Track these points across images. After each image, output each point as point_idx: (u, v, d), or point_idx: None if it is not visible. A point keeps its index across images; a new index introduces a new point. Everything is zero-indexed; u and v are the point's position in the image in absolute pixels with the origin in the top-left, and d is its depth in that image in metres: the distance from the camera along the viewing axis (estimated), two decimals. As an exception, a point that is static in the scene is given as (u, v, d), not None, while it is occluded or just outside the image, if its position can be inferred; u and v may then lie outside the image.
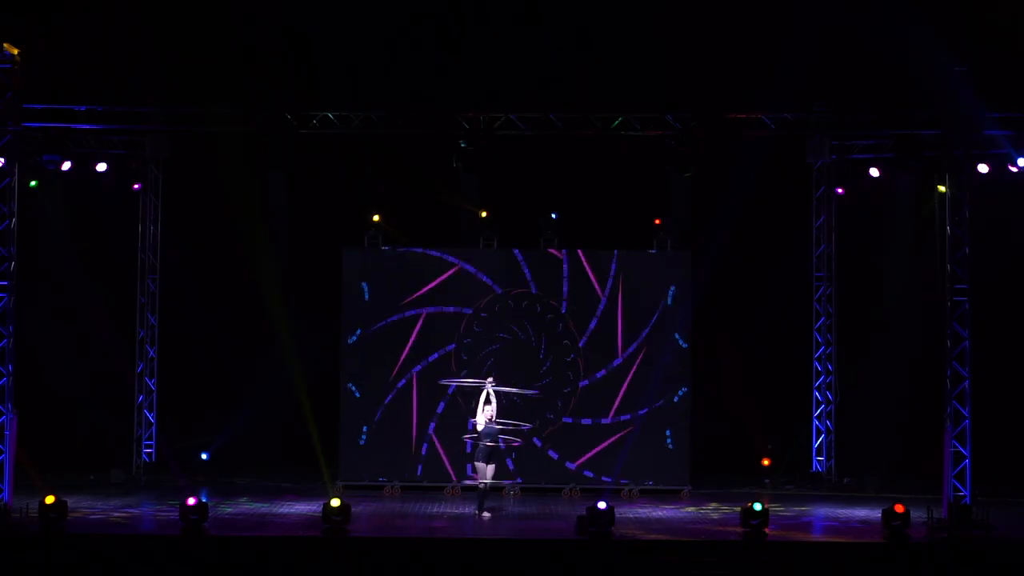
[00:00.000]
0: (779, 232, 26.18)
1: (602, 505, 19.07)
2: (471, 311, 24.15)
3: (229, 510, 21.30)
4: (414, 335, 24.08)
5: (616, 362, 24.00)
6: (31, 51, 21.16)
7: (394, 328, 24.07)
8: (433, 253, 24.30)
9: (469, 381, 22.36)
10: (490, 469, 21.15)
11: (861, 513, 21.68)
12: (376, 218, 24.34)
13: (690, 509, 22.16)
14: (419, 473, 23.92)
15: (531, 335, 24.11)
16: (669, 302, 23.92)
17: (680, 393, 23.87)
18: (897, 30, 22.74)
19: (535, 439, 23.68)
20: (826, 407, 25.80)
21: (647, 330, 23.99)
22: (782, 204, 26.11)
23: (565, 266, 24.16)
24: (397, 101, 23.90)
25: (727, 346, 26.03)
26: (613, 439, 23.81)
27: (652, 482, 23.74)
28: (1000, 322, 24.69)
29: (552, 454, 23.95)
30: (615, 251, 24.22)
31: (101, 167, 24.65)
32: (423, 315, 24.09)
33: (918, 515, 19.61)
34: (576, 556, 18.44)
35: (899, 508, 19.21)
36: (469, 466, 23.18)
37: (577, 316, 24.11)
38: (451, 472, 23.80)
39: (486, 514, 20.95)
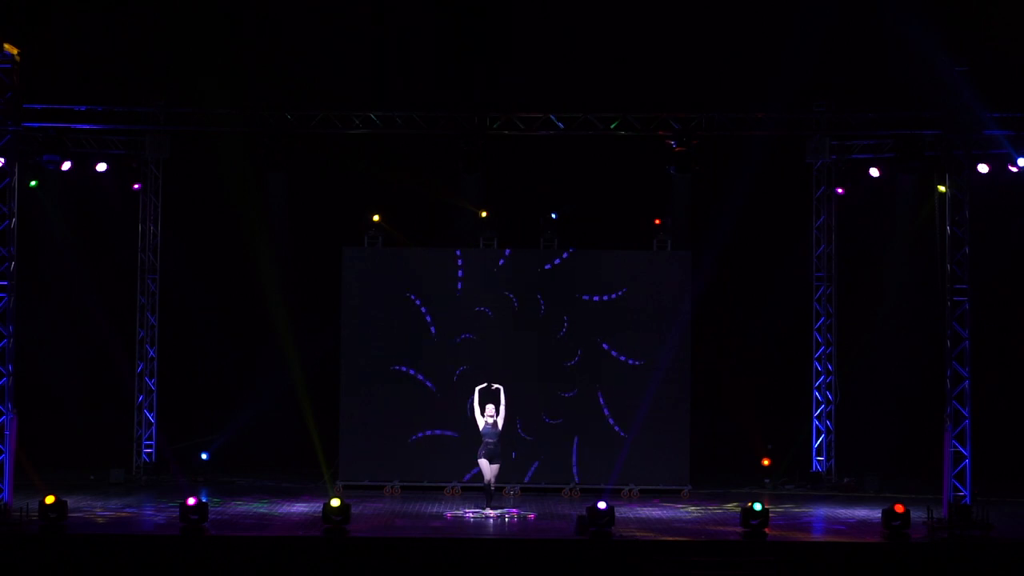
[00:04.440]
0: (779, 232, 26.18)
1: (602, 505, 19.07)
2: (471, 311, 24.13)
3: (229, 510, 21.32)
4: (415, 335, 24.10)
5: (616, 364, 24.01)
6: (31, 51, 21.16)
7: (394, 327, 24.07)
8: (434, 252, 24.34)
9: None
10: (493, 467, 21.15)
11: (861, 513, 21.67)
12: (376, 218, 24.35)
13: (690, 509, 22.16)
14: (419, 473, 23.92)
15: (531, 336, 24.10)
16: (669, 302, 23.95)
17: (680, 393, 23.86)
18: (897, 30, 22.74)
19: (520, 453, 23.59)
20: (826, 407, 25.78)
21: (647, 330, 23.97)
22: (782, 204, 26.12)
23: (565, 267, 24.17)
24: (397, 101, 23.89)
25: (727, 346, 26.04)
26: (614, 442, 23.80)
27: (652, 482, 23.73)
28: (1000, 322, 24.69)
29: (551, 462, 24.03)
30: (615, 251, 24.23)
31: (101, 167, 24.69)
32: (423, 314, 24.10)
33: (918, 515, 19.60)
34: (576, 556, 18.44)
35: (899, 508, 19.22)
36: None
37: (578, 317, 24.10)
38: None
39: (490, 511, 20.96)
